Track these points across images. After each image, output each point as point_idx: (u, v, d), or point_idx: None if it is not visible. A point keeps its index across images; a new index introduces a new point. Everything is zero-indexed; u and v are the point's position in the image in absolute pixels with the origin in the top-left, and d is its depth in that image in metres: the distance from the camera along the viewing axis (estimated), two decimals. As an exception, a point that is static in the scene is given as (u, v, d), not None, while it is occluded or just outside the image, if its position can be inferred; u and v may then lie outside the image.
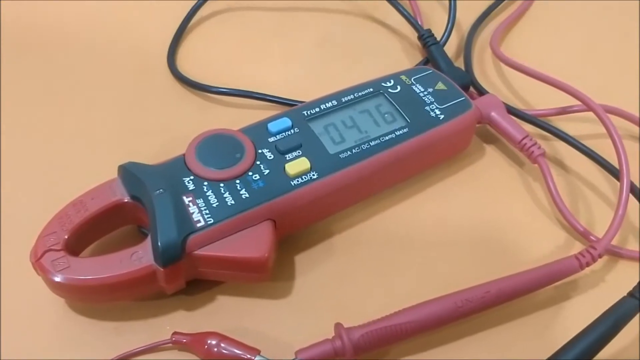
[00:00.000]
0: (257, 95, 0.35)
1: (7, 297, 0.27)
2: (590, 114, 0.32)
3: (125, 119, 0.35)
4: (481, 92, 0.35)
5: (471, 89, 0.35)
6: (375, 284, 0.29)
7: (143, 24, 0.40)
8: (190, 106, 0.36)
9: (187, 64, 0.38)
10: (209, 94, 0.36)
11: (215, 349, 0.25)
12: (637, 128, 0.34)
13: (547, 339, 0.27)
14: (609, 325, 0.23)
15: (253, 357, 0.25)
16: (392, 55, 0.39)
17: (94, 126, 0.35)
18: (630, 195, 0.30)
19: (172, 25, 0.39)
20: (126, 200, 0.27)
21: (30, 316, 0.27)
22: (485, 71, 0.38)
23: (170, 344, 0.26)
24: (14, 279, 0.28)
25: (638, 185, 0.30)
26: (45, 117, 0.35)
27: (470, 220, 0.31)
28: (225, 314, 0.27)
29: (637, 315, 0.24)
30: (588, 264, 0.28)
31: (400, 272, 0.29)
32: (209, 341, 0.25)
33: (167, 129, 0.34)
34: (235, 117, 0.32)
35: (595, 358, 0.23)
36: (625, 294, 0.25)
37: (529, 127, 0.33)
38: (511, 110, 0.33)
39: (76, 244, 0.26)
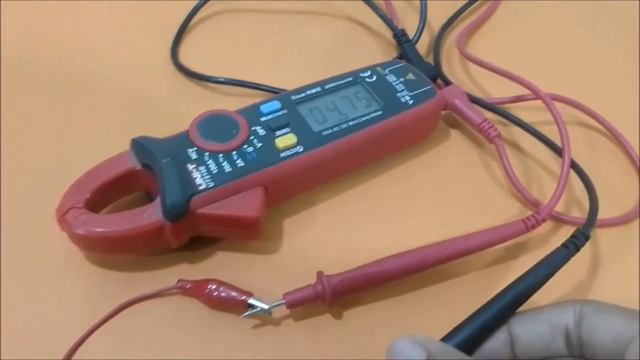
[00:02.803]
0: (250, 85, 0.39)
1: (33, 252, 0.31)
2: (540, 103, 0.36)
3: (133, 106, 0.39)
4: (447, 83, 0.40)
5: (439, 80, 0.40)
6: (351, 243, 0.33)
7: (148, 24, 0.45)
8: (191, 94, 0.40)
9: (188, 58, 0.42)
10: (207, 84, 0.40)
11: (215, 293, 0.30)
12: (581, 113, 0.39)
13: (498, 291, 0.31)
14: (545, 270, 0.28)
15: (247, 299, 0.29)
16: (369, 51, 0.44)
17: (106, 113, 0.39)
18: (572, 170, 0.35)
19: (174, 24, 0.44)
20: (138, 169, 0.31)
21: (54, 269, 0.31)
22: (452, 66, 0.43)
23: (176, 290, 0.30)
24: (40, 237, 0.32)
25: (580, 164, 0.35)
26: (64, 108, 0.39)
27: (436, 193, 0.36)
28: (222, 267, 0.32)
29: (568, 261, 0.28)
30: (533, 227, 0.32)
31: (373, 234, 0.34)
32: (209, 286, 0.30)
33: (170, 115, 0.38)
34: (231, 104, 0.36)
35: (532, 297, 0.28)
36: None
37: (488, 114, 0.38)
38: (472, 99, 0.38)
39: (95, 204, 0.30)
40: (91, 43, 0.43)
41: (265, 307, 0.29)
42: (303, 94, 0.35)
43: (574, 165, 0.34)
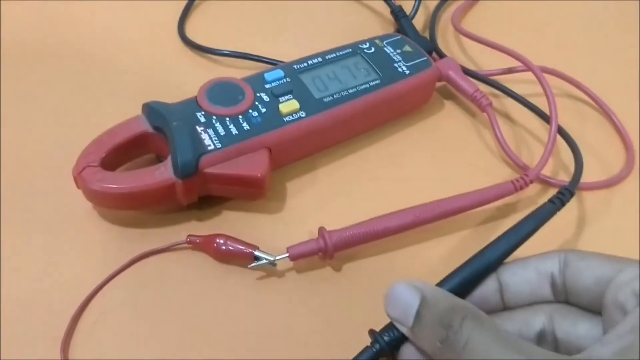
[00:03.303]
0: (253, 57, 0.41)
1: (52, 209, 0.33)
2: (531, 76, 0.38)
3: (143, 77, 0.41)
4: (442, 56, 0.42)
5: (434, 54, 0.42)
6: (350, 203, 0.35)
7: (156, 1, 0.47)
8: (198, 66, 0.42)
9: (194, 33, 0.44)
10: (213, 56, 0.42)
11: (223, 247, 0.31)
12: (570, 85, 0.41)
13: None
14: (532, 223, 0.30)
15: (253, 251, 0.31)
16: (368, 27, 0.46)
17: (118, 84, 0.40)
18: (559, 137, 0.37)
19: (181, 1, 0.46)
20: (149, 131, 0.33)
21: (71, 224, 0.33)
22: (447, 41, 0.45)
23: (186, 244, 0.32)
24: (58, 195, 0.34)
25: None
26: (81, 78, 0.41)
27: (431, 158, 0.38)
28: (229, 225, 0.33)
29: (553, 215, 0.30)
30: (522, 188, 0.34)
31: (371, 195, 0.35)
32: (217, 240, 0.32)
33: (178, 85, 0.40)
34: (235, 75, 0.37)
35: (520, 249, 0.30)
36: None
37: (481, 87, 0.40)
38: (466, 71, 0.40)
39: (109, 164, 0.32)
40: (104, 20, 0.45)
41: (271, 258, 0.31)
42: (305, 64, 0.37)
43: (561, 131, 0.36)
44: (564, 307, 0.28)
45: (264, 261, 0.31)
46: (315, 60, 0.37)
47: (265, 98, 0.35)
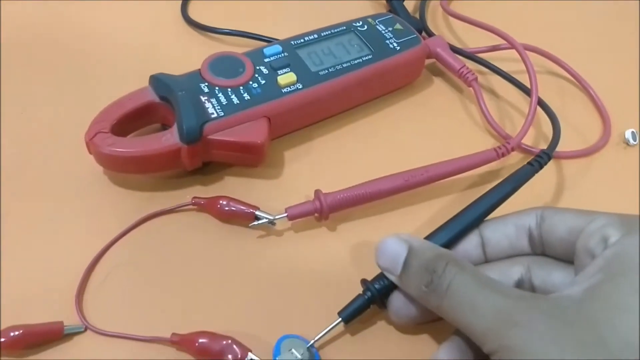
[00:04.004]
0: (253, 36, 0.43)
1: (65, 174, 0.36)
2: (515, 55, 0.40)
3: (148, 54, 0.43)
4: (431, 35, 0.44)
5: (424, 34, 0.45)
6: (344, 170, 0.37)
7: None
8: (200, 44, 0.44)
9: (196, 13, 0.46)
10: (214, 35, 0.45)
11: (226, 208, 0.34)
12: (551, 63, 0.43)
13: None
14: (512, 183, 0.32)
15: (254, 211, 0.33)
16: (361, 8, 0.48)
17: (125, 60, 0.43)
18: (540, 110, 0.39)
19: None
20: (156, 101, 0.35)
21: (83, 188, 0.35)
22: (436, 22, 0.48)
23: (190, 206, 0.34)
24: (69, 161, 0.36)
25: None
26: (91, 54, 0.43)
27: (420, 130, 0.40)
28: (231, 190, 0.35)
29: (532, 177, 0.33)
30: (504, 155, 0.36)
31: (363, 162, 0.38)
32: (220, 202, 0.34)
33: (181, 61, 0.41)
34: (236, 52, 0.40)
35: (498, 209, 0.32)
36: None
37: (468, 63, 0.42)
38: (453, 48, 0.42)
39: (119, 131, 0.34)
40: (113, 3, 0.47)
41: (270, 217, 0.33)
42: (302, 40, 0.39)
43: (541, 102, 0.39)
44: (541, 258, 0.30)
45: (264, 220, 0.33)
46: (311, 37, 0.40)
47: (265, 71, 0.37)
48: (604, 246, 0.26)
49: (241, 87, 0.36)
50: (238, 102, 0.35)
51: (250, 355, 0.28)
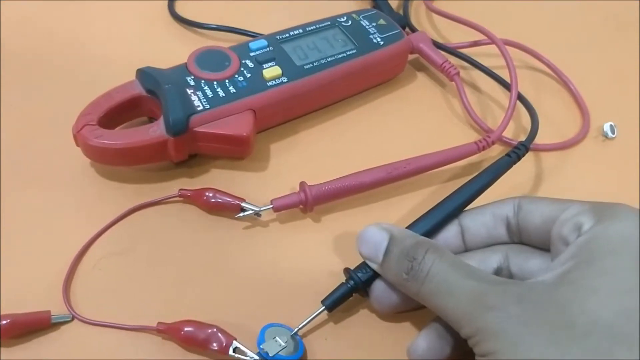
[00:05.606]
0: (238, 31, 0.44)
1: (52, 166, 0.36)
2: (496, 50, 0.41)
3: (136, 48, 0.44)
4: (414, 30, 0.45)
5: (407, 30, 0.45)
6: (329, 162, 0.38)
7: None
8: (186, 40, 0.45)
9: (183, 10, 0.47)
10: (201, 30, 0.45)
11: (212, 199, 0.34)
12: (531, 57, 0.44)
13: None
14: (490, 174, 0.33)
15: (240, 203, 0.34)
16: (347, 5, 0.48)
17: (113, 55, 0.43)
18: (519, 104, 0.40)
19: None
20: (143, 94, 0.36)
21: (70, 180, 0.36)
22: (419, 18, 0.48)
23: (177, 197, 0.35)
24: (56, 153, 0.36)
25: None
26: (78, 49, 0.43)
27: (404, 123, 0.41)
28: (217, 182, 0.36)
29: (510, 167, 0.34)
30: (484, 148, 0.37)
31: (347, 156, 0.38)
32: (206, 193, 0.34)
33: (167, 55, 0.42)
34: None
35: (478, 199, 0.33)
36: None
37: (450, 58, 0.43)
38: (436, 44, 0.43)
39: (106, 124, 0.35)
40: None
41: (256, 209, 0.34)
42: (287, 34, 0.40)
43: (520, 96, 0.40)
44: (518, 246, 0.31)
45: (250, 212, 0.34)
46: (296, 32, 0.40)
47: (250, 64, 0.38)
48: (578, 234, 0.27)
49: (227, 80, 0.36)
50: (224, 95, 0.36)
51: (235, 343, 0.29)
